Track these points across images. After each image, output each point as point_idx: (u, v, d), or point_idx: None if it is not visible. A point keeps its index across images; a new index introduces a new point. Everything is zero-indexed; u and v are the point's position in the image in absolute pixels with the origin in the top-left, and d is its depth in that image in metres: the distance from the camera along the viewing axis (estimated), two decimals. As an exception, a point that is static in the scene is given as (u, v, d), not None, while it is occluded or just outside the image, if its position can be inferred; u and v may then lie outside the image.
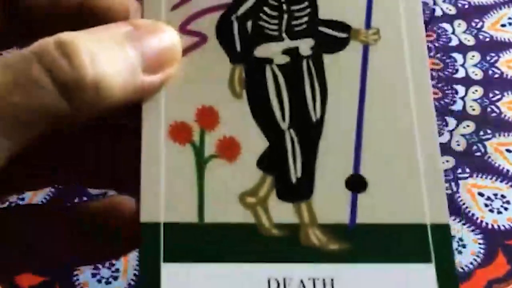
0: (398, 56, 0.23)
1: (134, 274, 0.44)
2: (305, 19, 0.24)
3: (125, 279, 0.43)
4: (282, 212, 0.22)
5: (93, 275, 0.44)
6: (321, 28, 0.24)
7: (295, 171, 0.22)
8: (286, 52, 0.24)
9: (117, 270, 0.44)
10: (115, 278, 0.44)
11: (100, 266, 0.44)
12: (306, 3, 0.24)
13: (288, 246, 0.22)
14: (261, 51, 0.24)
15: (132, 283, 0.43)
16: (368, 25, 0.24)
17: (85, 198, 0.46)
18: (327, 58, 0.24)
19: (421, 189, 0.22)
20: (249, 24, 0.24)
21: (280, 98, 0.23)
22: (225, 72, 0.23)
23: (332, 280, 0.21)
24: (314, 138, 0.23)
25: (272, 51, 0.24)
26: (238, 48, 0.24)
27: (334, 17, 0.24)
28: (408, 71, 0.23)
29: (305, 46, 0.24)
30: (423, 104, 0.23)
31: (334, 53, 0.24)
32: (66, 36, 0.21)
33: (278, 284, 0.21)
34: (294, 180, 0.22)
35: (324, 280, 0.21)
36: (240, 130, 0.23)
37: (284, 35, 0.24)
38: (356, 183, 0.22)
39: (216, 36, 0.24)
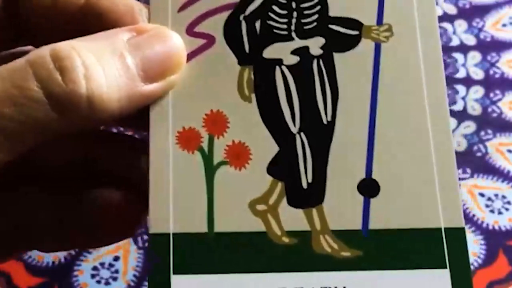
0: (411, 54, 0.23)
1: (134, 275, 0.43)
2: (315, 16, 0.23)
3: (124, 280, 0.43)
4: (293, 219, 0.21)
5: (92, 276, 0.43)
6: (332, 26, 0.23)
7: (306, 176, 0.22)
8: (295, 52, 0.23)
9: (117, 271, 0.44)
10: (115, 279, 0.43)
11: (99, 267, 0.43)
12: (316, 0, 0.24)
13: (299, 255, 0.21)
14: (270, 51, 0.23)
15: (132, 284, 0.43)
16: (380, 21, 0.23)
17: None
18: (338, 57, 0.23)
19: (435, 193, 0.21)
20: (258, 24, 0.23)
21: (290, 100, 0.23)
22: (234, 74, 0.23)
23: None
24: (325, 141, 0.22)
25: (282, 51, 0.23)
26: (247, 49, 0.23)
27: (345, 14, 0.23)
28: (422, 71, 0.23)
29: (315, 45, 0.23)
30: (437, 106, 0.22)
31: (345, 52, 0.23)
32: (63, 48, 0.21)
33: None
34: (305, 185, 0.22)
35: None
36: (250, 135, 0.22)
37: (293, 34, 0.23)
38: (369, 188, 0.22)
39: (224, 37, 0.23)
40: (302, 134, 0.22)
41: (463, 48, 0.53)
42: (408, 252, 0.21)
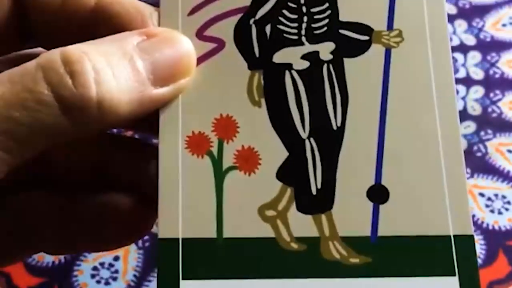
0: (421, 60, 0.23)
1: (134, 275, 0.43)
2: (325, 21, 0.23)
3: (124, 280, 0.43)
4: (302, 225, 0.21)
5: (92, 276, 0.43)
6: (342, 31, 0.23)
7: (316, 182, 0.22)
8: (305, 56, 0.23)
9: (116, 271, 0.43)
10: (115, 279, 0.43)
11: (99, 267, 0.43)
12: (327, 5, 0.23)
13: (308, 261, 0.21)
14: (280, 56, 0.23)
15: (132, 284, 0.43)
16: (390, 26, 0.23)
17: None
18: (348, 63, 0.23)
19: (444, 200, 0.21)
20: (268, 28, 0.23)
21: (300, 105, 0.22)
22: (243, 78, 0.23)
23: None
24: (335, 147, 0.22)
25: (292, 56, 0.23)
26: (257, 53, 0.23)
27: (355, 19, 0.23)
28: (432, 76, 0.23)
29: (326, 50, 0.23)
30: (447, 112, 0.22)
31: (355, 57, 0.23)
32: (74, 52, 0.21)
33: None
34: (314, 191, 0.22)
35: None
36: (259, 140, 0.22)
37: (303, 39, 0.23)
38: (378, 194, 0.22)
39: (234, 41, 0.23)
40: (311, 139, 0.22)
41: (463, 48, 0.53)
42: (417, 259, 0.21)
